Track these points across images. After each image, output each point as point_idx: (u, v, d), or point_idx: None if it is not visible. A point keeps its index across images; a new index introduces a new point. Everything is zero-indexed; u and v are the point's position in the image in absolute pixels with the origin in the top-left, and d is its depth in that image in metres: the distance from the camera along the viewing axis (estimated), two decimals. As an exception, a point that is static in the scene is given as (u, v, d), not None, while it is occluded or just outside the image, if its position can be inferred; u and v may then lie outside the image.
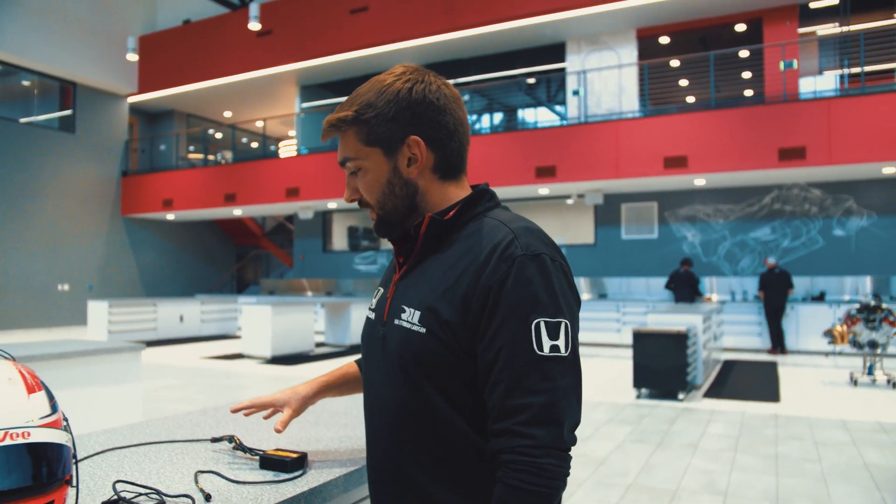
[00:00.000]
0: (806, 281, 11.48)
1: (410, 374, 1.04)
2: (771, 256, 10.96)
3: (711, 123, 10.50)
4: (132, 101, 17.01)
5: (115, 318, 12.02)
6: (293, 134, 17.62)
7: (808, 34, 12.00)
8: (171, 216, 16.99)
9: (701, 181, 11.44)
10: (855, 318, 7.77)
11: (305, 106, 15.98)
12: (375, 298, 1.21)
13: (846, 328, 7.84)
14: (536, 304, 0.98)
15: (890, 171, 10.27)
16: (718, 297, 12.03)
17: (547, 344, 0.97)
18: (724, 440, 5.34)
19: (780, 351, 10.63)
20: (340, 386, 1.45)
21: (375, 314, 1.17)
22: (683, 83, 13.06)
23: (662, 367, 6.98)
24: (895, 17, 11.36)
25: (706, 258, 12.36)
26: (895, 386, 7.63)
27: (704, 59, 11.70)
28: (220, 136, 19.46)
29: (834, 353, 9.97)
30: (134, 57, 14.68)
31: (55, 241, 15.26)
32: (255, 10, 12.24)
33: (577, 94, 12.50)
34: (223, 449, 1.44)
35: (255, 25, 12.41)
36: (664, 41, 12.70)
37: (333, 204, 14.69)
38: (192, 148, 18.86)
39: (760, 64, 11.83)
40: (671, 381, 6.96)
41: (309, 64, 14.24)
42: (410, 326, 1.05)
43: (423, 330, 1.03)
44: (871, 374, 7.86)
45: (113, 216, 16.62)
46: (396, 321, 1.08)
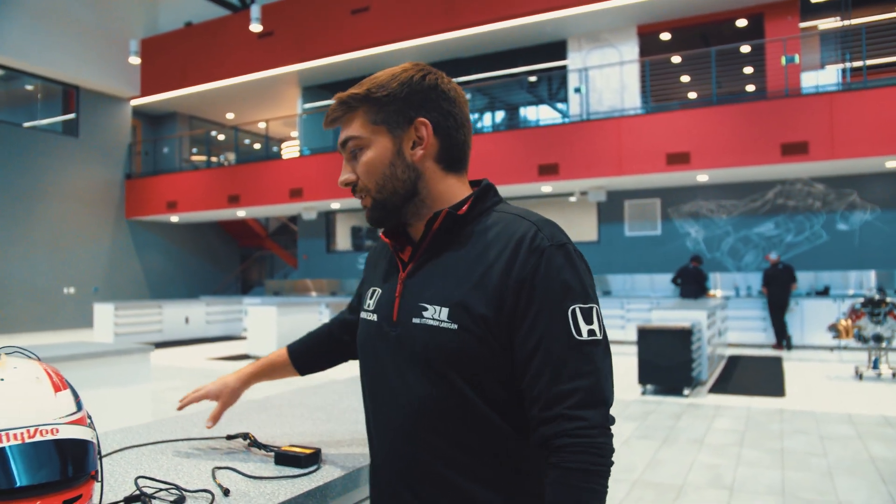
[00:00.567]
0: (810, 276, 11.48)
1: (441, 372, 1.03)
2: (773, 252, 10.97)
3: (713, 119, 10.50)
4: (135, 103, 17.06)
5: (121, 320, 12.08)
6: (295, 135, 17.66)
7: (809, 29, 11.99)
8: (175, 218, 17.04)
9: (704, 177, 11.44)
10: (859, 312, 7.78)
11: (307, 107, 16.01)
12: (372, 299, 1.18)
13: (851, 322, 7.85)
14: (569, 291, 1.01)
15: (893, 164, 10.26)
16: (722, 292, 12.04)
17: (584, 329, 1.00)
18: (729, 435, 5.36)
19: (784, 346, 10.64)
20: (269, 373, 1.53)
21: (378, 315, 1.14)
22: (685, 79, 13.06)
23: (667, 363, 6.99)
24: (897, 10, 11.35)
25: (710, 254, 12.37)
26: (900, 379, 7.64)
27: (706, 55, 11.70)
28: (222, 137, 19.50)
29: (839, 347, 9.97)
30: (136, 60, 14.71)
31: (60, 244, 15.32)
32: (256, 11, 12.26)
33: (578, 91, 12.51)
34: (238, 446, 1.47)
35: (256, 27, 12.44)
36: (665, 37, 12.70)
37: (337, 204, 14.72)
38: (195, 150, 18.90)
39: (762, 59, 11.83)
40: (676, 377, 6.97)
41: (310, 65, 14.27)
42: (438, 324, 1.04)
43: (454, 326, 1.02)
44: (876, 367, 7.87)
45: (117, 219, 16.67)
46: (416, 320, 1.07)
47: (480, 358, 1.02)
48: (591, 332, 1.00)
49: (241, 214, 16.61)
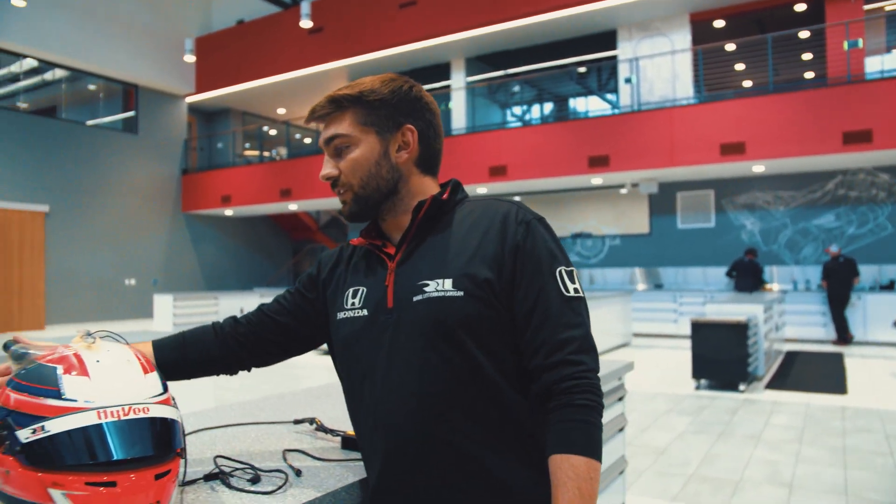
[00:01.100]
0: (874, 269, 11.06)
1: (452, 340, 1.08)
2: (833, 245, 10.60)
3: (770, 108, 10.19)
4: (190, 100, 17.52)
5: (179, 310, 12.48)
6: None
7: (874, 11, 11.51)
8: (229, 212, 17.47)
9: (760, 168, 11.13)
10: (927, 306, 7.47)
11: (357, 101, 16.14)
12: (357, 297, 1.21)
13: (917, 317, 7.55)
14: (554, 257, 1.14)
15: (964, 152, 9.80)
16: (780, 286, 11.71)
17: (571, 287, 1.13)
18: (787, 431, 5.23)
19: (846, 341, 10.29)
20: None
21: (369, 308, 1.18)
22: (740, 67, 12.71)
23: (722, 357, 6.86)
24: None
25: (766, 247, 12.04)
26: (971, 377, 7.32)
27: (762, 42, 11.36)
28: (274, 132, 19.87)
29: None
30: (191, 58, 15.10)
31: (121, 237, 15.88)
32: (306, 8, 12.44)
33: (629, 81, 12.30)
34: (305, 430, 1.52)
35: (306, 23, 12.61)
36: (719, 25, 12.37)
37: (386, 197, 14.83)
38: (247, 145, 19.32)
39: (822, 44, 11.41)
40: (731, 371, 6.84)
41: (359, 59, 14.40)
42: (444, 294, 1.11)
43: (460, 293, 1.10)
44: (944, 364, 7.55)
45: (174, 213, 17.18)
46: (418, 297, 1.12)
47: (488, 321, 1.10)
48: (575, 290, 1.14)
49: (292, 208, 16.91)
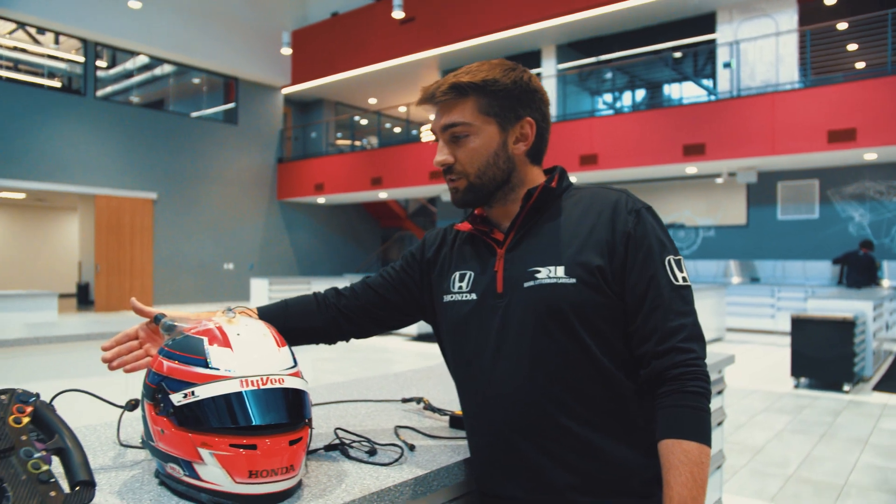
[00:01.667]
0: None
1: (564, 326, 1.12)
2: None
3: (887, 91, 9.49)
4: (286, 92, 18.14)
5: (274, 294, 13.01)
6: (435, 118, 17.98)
7: None
8: (321, 200, 18.01)
9: (872, 155, 10.44)
10: None
11: (446, 90, 16.24)
12: (464, 281, 1.24)
13: None
14: (663, 245, 1.16)
15: None
16: (891, 282, 10.98)
17: (679, 276, 1.15)
18: (898, 436, 4.94)
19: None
20: None
21: (479, 293, 1.21)
22: (852, 48, 11.92)
23: (825, 356, 6.53)
24: None
25: (877, 240, 11.30)
26: None
27: (880, 19, 10.59)
28: (365, 122, 20.31)
29: None
30: (288, 51, 15.64)
31: (221, 224, 16.71)
32: (398, -2, 12.62)
33: (728, 66, 11.79)
34: (413, 409, 1.58)
35: (398, 13, 12.80)
36: (829, 2, 11.65)
37: (473, 186, 14.88)
38: (339, 134, 19.85)
39: (947, 22, 10.54)
40: (835, 371, 6.49)
41: (450, 49, 14.47)
42: (556, 281, 1.13)
43: (572, 280, 1.13)
44: None
45: (270, 200, 17.89)
46: (529, 283, 1.15)
47: (598, 307, 1.12)
48: (683, 278, 1.15)
49: (382, 196, 17.25)
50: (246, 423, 0.96)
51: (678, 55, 13.43)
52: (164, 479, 1.02)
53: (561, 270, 1.14)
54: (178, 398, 0.97)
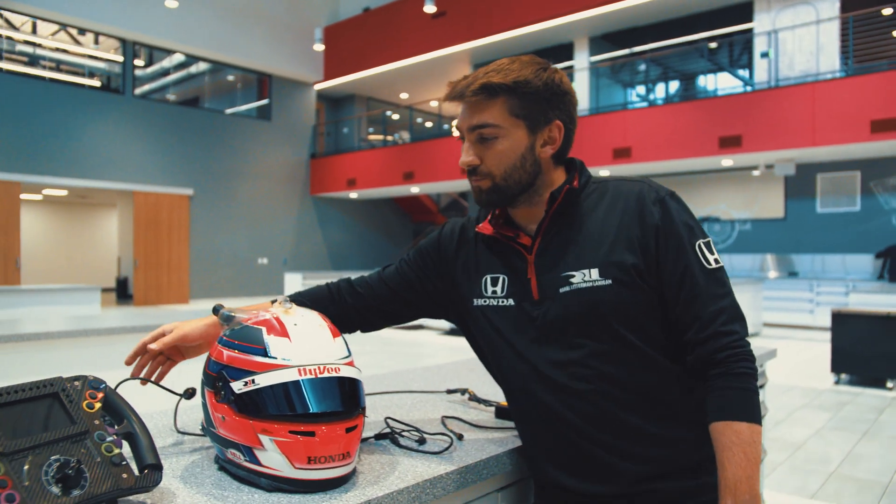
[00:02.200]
0: None
1: (606, 327, 1.13)
2: None
3: (932, 80, 9.23)
4: (318, 87, 18.29)
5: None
6: (465, 112, 17.94)
7: None
8: (354, 195, 18.14)
9: (917, 146, 10.15)
10: None
11: (477, 84, 16.18)
12: (498, 285, 1.23)
13: None
14: (691, 230, 1.15)
15: None
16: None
17: (711, 258, 1.14)
18: (945, 434, 4.82)
19: None
20: None
21: (516, 300, 1.21)
22: (897, 35, 11.58)
23: (868, 352, 6.38)
24: None
25: (922, 233, 11.00)
26: None
27: (924, 6, 10.28)
28: (397, 117, 20.38)
29: None
30: (320, 47, 15.76)
31: (255, 219, 16.94)
32: (430, -7, 12.63)
33: (765, 56, 11.55)
34: (458, 399, 1.60)
35: (430, 8, 12.82)
36: (873, -11, 11.33)
37: (505, 180, 14.82)
38: (371, 129, 19.95)
39: None
40: (878, 367, 6.35)
41: (482, 42, 14.43)
42: (592, 284, 1.14)
43: (608, 282, 1.13)
44: None
45: (303, 196, 18.08)
46: (565, 289, 1.15)
47: (637, 304, 1.13)
48: (716, 260, 1.15)
49: (414, 191, 17.31)
50: (304, 410, 0.99)
51: (713, 45, 13.20)
52: (224, 464, 1.06)
53: (595, 273, 1.14)
54: (238, 386, 1.00)
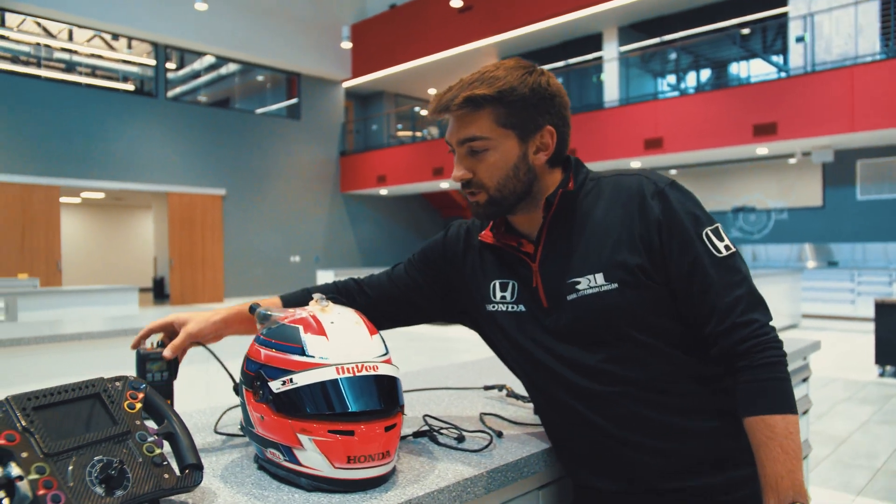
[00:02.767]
0: None
1: (618, 332, 1.10)
2: None
3: (977, 61, 8.91)
4: (347, 85, 18.37)
5: (340, 285, 13.24)
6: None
7: None
8: (384, 191, 18.20)
9: (962, 129, 9.82)
10: None
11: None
12: (507, 291, 1.21)
13: None
14: (696, 220, 1.11)
15: None
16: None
17: (721, 246, 1.10)
18: None
19: None
20: (244, 322, 1.29)
21: (526, 306, 1.18)
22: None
23: (914, 342, 6.21)
24: None
25: (968, 219, 10.65)
26: None
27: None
28: (425, 112, 20.32)
29: None
30: (348, 45, 15.82)
31: (287, 217, 17.11)
32: (456, -13, 12.59)
33: (801, 40, 11.26)
34: (496, 396, 1.59)
35: (456, 2, 12.78)
36: (914, -31, 10.97)
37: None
38: (400, 126, 19.98)
39: None
40: (925, 358, 6.17)
41: (508, 36, 14.33)
42: (598, 290, 1.10)
43: (614, 286, 1.09)
44: None
45: (334, 193, 18.20)
46: (572, 296, 1.12)
47: (646, 304, 1.10)
48: (726, 247, 1.10)
49: (443, 186, 17.29)
50: (342, 409, 0.98)
51: (746, 31, 12.92)
52: (263, 463, 1.06)
53: (600, 277, 1.11)
54: (276, 385, 0.99)
